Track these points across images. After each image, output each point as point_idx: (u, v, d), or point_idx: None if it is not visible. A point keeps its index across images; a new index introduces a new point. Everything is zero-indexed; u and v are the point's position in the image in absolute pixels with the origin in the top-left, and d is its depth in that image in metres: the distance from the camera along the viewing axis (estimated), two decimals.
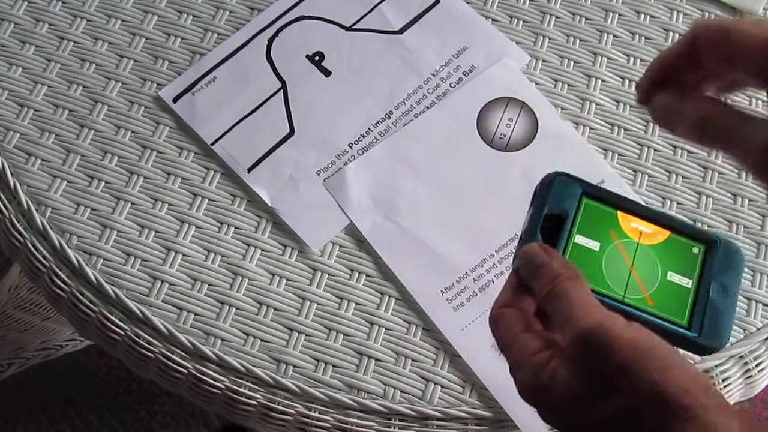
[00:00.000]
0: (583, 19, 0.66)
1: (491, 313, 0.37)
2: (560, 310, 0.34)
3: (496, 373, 0.55)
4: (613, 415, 0.31)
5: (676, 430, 0.30)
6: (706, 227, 0.58)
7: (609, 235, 0.38)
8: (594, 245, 0.38)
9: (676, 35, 0.65)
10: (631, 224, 0.38)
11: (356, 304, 0.57)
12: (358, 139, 0.61)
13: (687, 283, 0.37)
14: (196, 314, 0.56)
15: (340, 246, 0.58)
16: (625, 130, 0.62)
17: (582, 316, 0.33)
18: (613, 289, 0.37)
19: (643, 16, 0.66)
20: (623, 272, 0.37)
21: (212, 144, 0.61)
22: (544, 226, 0.37)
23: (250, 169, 0.60)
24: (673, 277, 0.37)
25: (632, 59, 0.65)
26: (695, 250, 0.38)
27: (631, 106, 0.63)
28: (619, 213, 0.38)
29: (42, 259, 0.57)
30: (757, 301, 0.58)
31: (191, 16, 0.65)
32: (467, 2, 0.65)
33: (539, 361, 0.34)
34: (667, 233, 0.38)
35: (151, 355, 0.55)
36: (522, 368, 0.34)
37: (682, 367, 0.31)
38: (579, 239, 0.38)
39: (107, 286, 0.56)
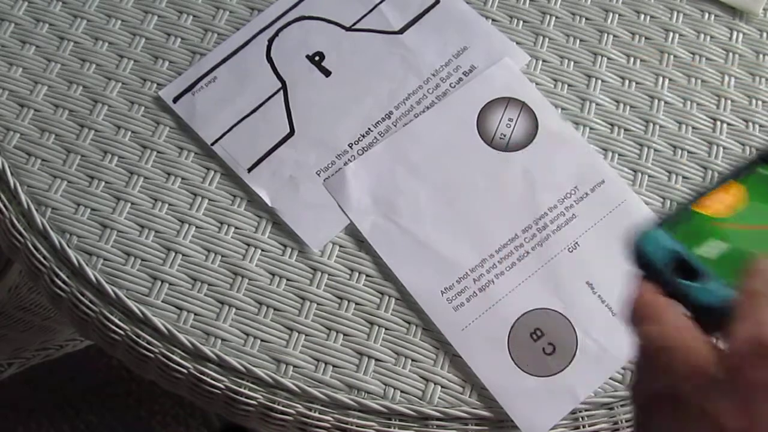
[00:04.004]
0: (583, 19, 0.66)
1: (640, 298, 0.33)
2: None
3: (496, 373, 0.55)
4: None
5: None
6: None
7: (716, 228, 0.35)
8: (722, 246, 0.34)
9: (677, 35, 0.65)
10: (713, 204, 0.35)
11: (356, 304, 0.57)
12: (358, 139, 0.61)
13: None
14: (196, 314, 0.56)
15: (340, 246, 0.58)
16: (625, 130, 0.62)
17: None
18: None
19: (643, 16, 0.66)
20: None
21: (212, 144, 0.61)
22: (683, 282, 0.34)
23: (250, 169, 0.60)
24: None
25: (632, 59, 0.65)
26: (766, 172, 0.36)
27: (631, 106, 0.63)
28: (695, 209, 0.35)
29: (42, 259, 0.57)
30: None
31: (191, 16, 0.65)
32: (467, 2, 0.65)
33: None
34: (741, 186, 0.36)
35: (151, 355, 0.55)
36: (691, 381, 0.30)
37: None
38: (705, 251, 0.34)
39: (107, 286, 0.56)
